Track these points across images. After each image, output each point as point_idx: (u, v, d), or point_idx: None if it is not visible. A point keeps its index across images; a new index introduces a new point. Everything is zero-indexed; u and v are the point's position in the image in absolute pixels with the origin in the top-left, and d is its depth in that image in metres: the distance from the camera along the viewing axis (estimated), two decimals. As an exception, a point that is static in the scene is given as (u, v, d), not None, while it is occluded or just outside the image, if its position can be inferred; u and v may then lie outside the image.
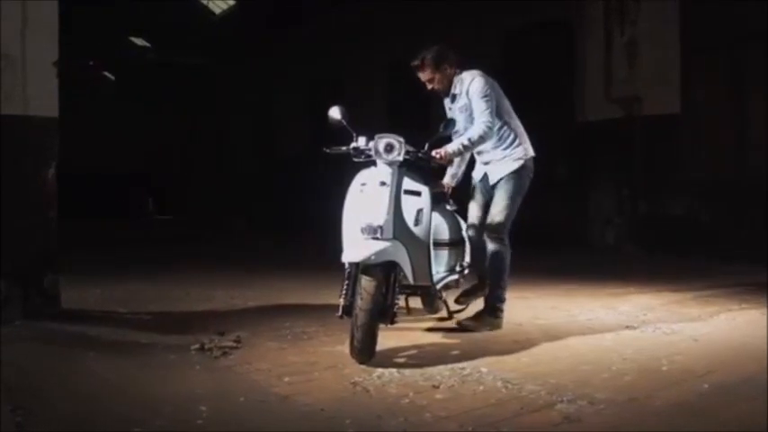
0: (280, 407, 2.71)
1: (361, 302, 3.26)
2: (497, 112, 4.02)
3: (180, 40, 15.40)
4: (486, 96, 3.94)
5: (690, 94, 7.93)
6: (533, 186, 4.23)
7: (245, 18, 14.28)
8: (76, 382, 3.02)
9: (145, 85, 17.96)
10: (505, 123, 4.09)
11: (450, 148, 3.90)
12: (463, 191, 4.36)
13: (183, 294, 5.33)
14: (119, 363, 3.35)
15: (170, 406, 2.69)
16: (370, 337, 3.29)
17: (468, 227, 4.28)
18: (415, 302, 4.56)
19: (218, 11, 15.19)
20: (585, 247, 8.62)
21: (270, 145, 15.31)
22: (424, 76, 4.08)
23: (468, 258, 4.34)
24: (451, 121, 3.90)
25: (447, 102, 4.21)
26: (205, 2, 14.71)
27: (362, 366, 3.25)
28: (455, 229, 4.27)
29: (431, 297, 4.31)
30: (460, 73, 4.07)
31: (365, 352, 3.29)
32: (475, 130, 3.92)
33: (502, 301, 4.13)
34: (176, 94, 18.18)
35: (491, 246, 4.09)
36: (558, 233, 8.88)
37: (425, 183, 3.72)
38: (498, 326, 4.10)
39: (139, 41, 16.27)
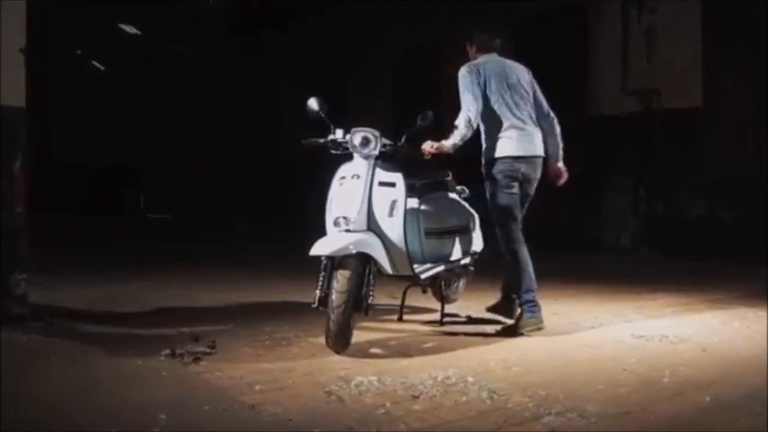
0: (244, 416, 2.69)
1: (336, 296, 3.49)
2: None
3: (173, 29, 15.43)
4: (464, 90, 4.14)
5: (712, 87, 7.85)
6: (542, 185, 4.33)
7: (244, 8, 14.31)
8: (34, 387, 3.03)
9: (138, 75, 18.01)
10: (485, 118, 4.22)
11: (446, 144, 4.09)
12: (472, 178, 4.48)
13: (163, 296, 5.34)
14: (82, 367, 3.35)
15: (128, 413, 2.68)
16: (345, 329, 3.55)
17: None
18: (408, 309, 4.55)
19: (211, -1, 15.16)
20: (598, 250, 8.57)
21: (273, 141, 15.35)
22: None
23: (472, 249, 4.49)
24: (428, 113, 3.97)
25: None
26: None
27: (340, 374, 3.23)
28: (454, 217, 4.38)
29: (443, 287, 4.44)
30: (477, 58, 4.32)
31: (339, 343, 3.56)
32: (457, 126, 4.10)
33: (530, 295, 4.13)
34: (173, 86, 18.22)
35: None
36: (570, 234, 8.83)
37: (400, 171, 3.91)
38: (539, 323, 4.12)
39: (129, 29, 16.30)
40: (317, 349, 3.68)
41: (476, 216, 4.62)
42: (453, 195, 4.61)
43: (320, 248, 3.55)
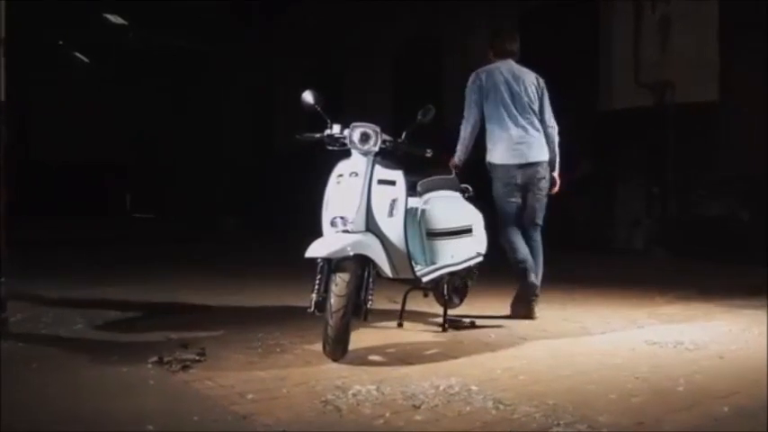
0: (236, 427, 2.69)
1: (335, 300, 3.47)
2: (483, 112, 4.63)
3: (164, 21, 15.40)
4: (466, 99, 4.62)
5: (729, 79, 7.84)
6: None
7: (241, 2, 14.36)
8: (14, 395, 3.01)
9: (125, 68, 17.98)
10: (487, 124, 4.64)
11: (456, 157, 4.72)
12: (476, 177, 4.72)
13: (151, 300, 5.36)
14: (63, 375, 3.35)
15: (113, 423, 2.68)
16: (343, 335, 3.54)
17: None
18: (408, 314, 4.55)
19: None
20: (610, 252, 8.57)
21: (267, 139, 15.35)
22: None
23: (476, 250, 4.50)
24: (430, 108, 4.00)
25: None
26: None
27: (337, 383, 3.22)
28: (457, 217, 4.40)
29: (445, 290, 4.45)
30: (494, 61, 4.70)
31: (337, 349, 3.55)
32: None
33: (525, 287, 4.55)
34: (162, 79, 18.19)
35: None
36: (580, 236, 8.83)
37: (400, 168, 3.95)
38: (531, 312, 4.57)
39: (114, 19, 16.28)
40: (312, 356, 3.68)
41: (480, 216, 4.62)
42: (457, 194, 4.60)
43: (316, 250, 3.53)
